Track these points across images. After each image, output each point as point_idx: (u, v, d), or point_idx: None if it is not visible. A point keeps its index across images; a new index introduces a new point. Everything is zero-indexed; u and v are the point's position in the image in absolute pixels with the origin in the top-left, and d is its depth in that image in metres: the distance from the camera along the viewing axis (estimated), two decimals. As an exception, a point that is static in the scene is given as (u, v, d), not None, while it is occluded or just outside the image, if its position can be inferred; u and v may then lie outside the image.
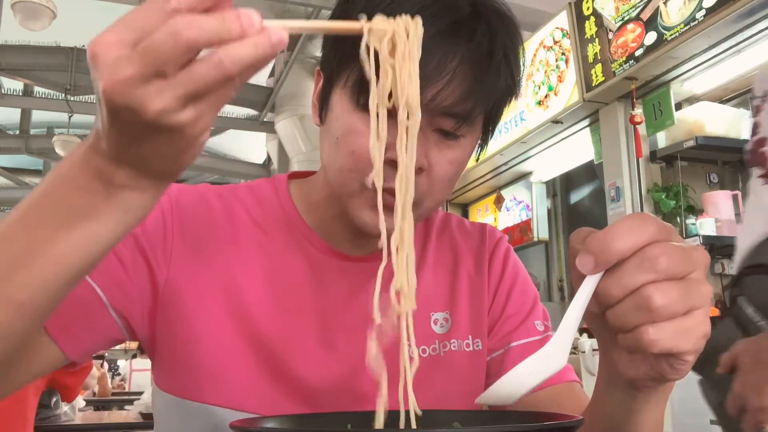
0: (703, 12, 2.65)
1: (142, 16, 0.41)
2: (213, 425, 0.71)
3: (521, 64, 0.73)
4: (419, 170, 0.68)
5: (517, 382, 0.52)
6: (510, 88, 0.72)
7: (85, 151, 0.49)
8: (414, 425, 0.52)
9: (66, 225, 0.48)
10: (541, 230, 4.51)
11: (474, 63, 0.66)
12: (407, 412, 0.54)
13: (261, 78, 7.07)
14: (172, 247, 0.73)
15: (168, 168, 0.48)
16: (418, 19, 0.52)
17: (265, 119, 7.53)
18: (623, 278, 0.48)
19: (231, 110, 7.67)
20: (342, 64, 0.69)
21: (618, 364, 0.54)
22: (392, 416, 0.59)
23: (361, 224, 0.71)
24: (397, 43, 0.51)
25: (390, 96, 0.53)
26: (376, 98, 0.52)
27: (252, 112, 7.67)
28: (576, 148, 3.88)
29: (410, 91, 0.52)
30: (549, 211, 4.66)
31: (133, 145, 0.45)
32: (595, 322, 0.54)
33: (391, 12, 0.52)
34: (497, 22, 0.68)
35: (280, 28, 0.43)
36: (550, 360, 0.51)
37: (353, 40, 0.52)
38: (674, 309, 0.47)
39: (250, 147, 9.16)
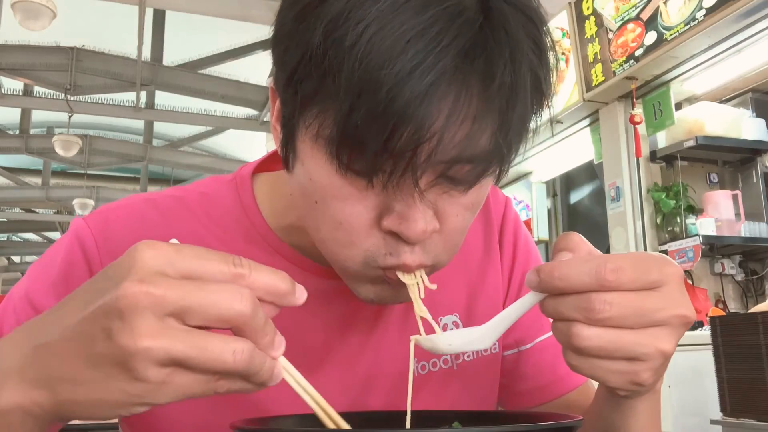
0: (703, 12, 2.65)
1: (210, 262, 0.39)
2: None
3: (549, 61, 0.54)
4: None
5: (439, 348, 0.53)
6: (539, 104, 0.54)
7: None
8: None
9: None
10: (541, 230, 4.50)
11: (494, 97, 0.48)
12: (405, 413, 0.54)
13: (261, 78, 7.07)
14: None
15: (79, 407, 0.40)
16: None
17: (265, 119, 7.53)
18: (560, 307, 0.47)
19: (231, 110, 7.67)
20: (308, 106, 0.50)
21: None
22: (388, 416, 0.59)
23: (364, 299, 0.59)
24: None
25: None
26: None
27: (252, 112, 7.66)
28: (576, 148, 3.88)
29: None
30: (549, 211, 4.65)
31: (78, 360, 0.39)
32: None
33: (376, 41, 0.44)
34: (516, 24, 0.49)
35: (284, 372, 0.44)
36: (476, 342, 0.53)
37: (321, 72, 0.46)
38: (597, 352, 0.46)
39: (250, 147, 9.16)
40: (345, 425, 0.48)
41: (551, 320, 0.50)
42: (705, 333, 2.14)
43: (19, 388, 0.41)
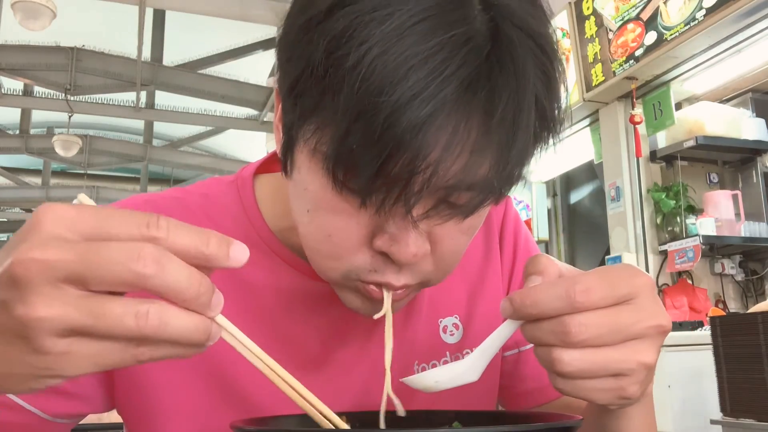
0: (703, 12, 2.65)
1: (118, 220, 0.37)
2: None
3: (558, 90, 0.54)
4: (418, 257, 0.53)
5: (426, 385, 0.52)
6: (544, 135, 0.54)
7: None
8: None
9: None
10: (541, 230, 4.51)
11: (495, 131, 0.46)
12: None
13: (261, 78, 7.07)
14: None
15: None
16: None
17: (265, 119, 7.53)
18: (537, 333, 0.47)
19: (231, 110, 7.67)
20: (307, 119, 0.50)
21: None
22: (388, 416, 0.59)
23: (349, 307, 0.59)
24: None
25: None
26: None
27: (252, 112, 7.66)
28: (576, 148, 3.88)
29: None
30: (549, 211, 4.65)
31: None
32: None
33: (377, 65, 0.43)
34: (525, 52, 0.47)
35: (226, 331, 0.41)
36: (463, 375, 0.52)
37: (321, 89, 0.46)
38: (579, 374, 0.47)
39: (250, 147, 9.16)
40: (314, 400, 0.48)
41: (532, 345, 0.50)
42: (705, 333, 2.13)
43: None
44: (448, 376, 0.52)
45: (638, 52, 3.00)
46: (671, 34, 2.81)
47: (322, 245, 0.54)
